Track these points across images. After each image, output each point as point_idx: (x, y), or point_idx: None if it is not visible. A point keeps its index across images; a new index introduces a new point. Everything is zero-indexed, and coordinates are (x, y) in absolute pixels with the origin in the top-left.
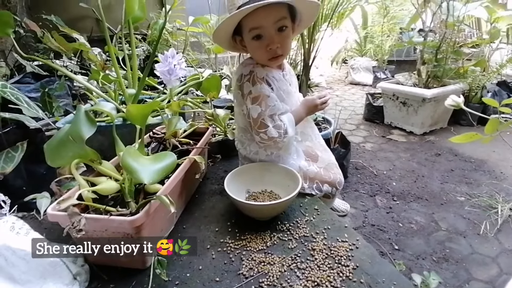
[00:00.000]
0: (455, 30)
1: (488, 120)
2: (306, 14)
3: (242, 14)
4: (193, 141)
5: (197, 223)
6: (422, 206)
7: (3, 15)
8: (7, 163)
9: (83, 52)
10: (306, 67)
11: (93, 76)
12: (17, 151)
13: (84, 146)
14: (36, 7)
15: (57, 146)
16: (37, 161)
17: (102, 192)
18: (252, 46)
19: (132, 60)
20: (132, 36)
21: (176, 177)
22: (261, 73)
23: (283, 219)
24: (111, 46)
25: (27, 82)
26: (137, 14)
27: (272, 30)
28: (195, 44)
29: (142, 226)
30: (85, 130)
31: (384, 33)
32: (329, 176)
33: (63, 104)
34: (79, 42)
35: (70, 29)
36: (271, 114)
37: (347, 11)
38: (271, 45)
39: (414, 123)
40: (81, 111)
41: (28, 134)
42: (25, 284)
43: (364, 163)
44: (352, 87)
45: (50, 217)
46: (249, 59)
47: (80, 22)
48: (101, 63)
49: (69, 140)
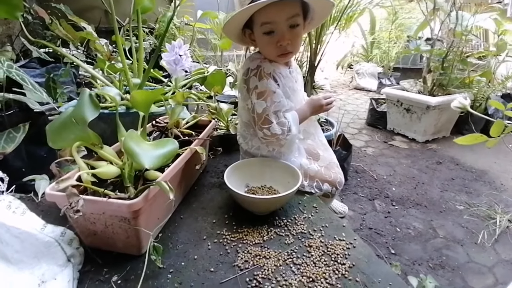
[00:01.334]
0: (462, 40)
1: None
2: (319, 12)
3: (257, 7)
4: (195, 133)
5: (194, 214)
6: (420, 213)
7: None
8: (8, 143)
9: (90, 42)
10: (312, 68)
11: (98, 65)
12: (19, 132)
13: (86, 129)
14: None
15: (59, 128)
16: (39, 143)
17: (102, 176)
18: (262, 40)
19: (138, 51)
20: (140, 27)
21: (176, 166)
22: (269, 69)
23: (281, 214)
24: (118, 36)
25: (33, 67)
26: (146, 4)
27: (284, 27)
28: (201, 41)
29: (140, 211)
30: (89, 113)
31: (391, 40)
32: (330, 175)
33: (67, 91)
34: (87, 31)
35: (78, 18)
36: (275, 110)
37: (356, 14)
38: (282, 42)
39: (416, 130)
40: (86, 94)
41: (31, 117)
42: (18, 264)
43: (365, 167)
44: (356, 92)
45: (48, 197)
46: (257, 54)
47: (89, 13)
48: (107, 53)
49: (72, 122)
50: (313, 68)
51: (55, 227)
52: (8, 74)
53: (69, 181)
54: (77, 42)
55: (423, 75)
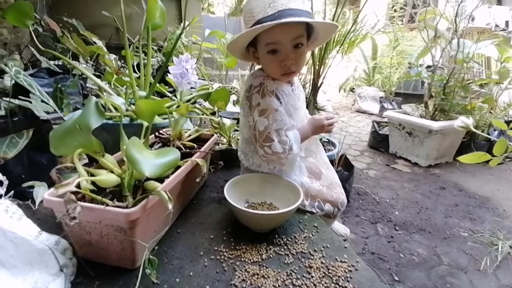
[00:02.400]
0: (464, 67)
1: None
2: (322, 33)
3: (263, 28)
4: (197, 146)
5: (192, 229)
6: (424, 239)
7: (24, 6)
8: (10, 148)
9: (100, 56)
10: (314, 88)
11: (106, 78)
12: (22, 138)
13: (89, 136)
14: (58, 9)
15: (62, 134)
16: (41, 150)
17: (101, 184)
18: (266, 59)
19: (146, 66)
20: (150, 43)
21: (177, 177)
22: (271, 86)
23: (280, 233)
24: (128, 51)
25: (41, 77)
26: (157, 21)
27: (289, 47)
28: (207, 60)
29: (137, 221)
30: (93, 120)
31: (393, 66)
32: (332, 195)
33: (74, 102)
34: (97, 46)
35: (90, 33)
36: (277, 128)
37: (358, 39)
38: (286, 62)
39: (419, 155)
40: (92, 102)
41: (35, 124)
42: (11, 269)
43: (367, 189)
44: (358, 114)
45: (45, 203)
46: (260, 71)
47: (100, 29)
48: (116, 68)
49: (76, 129)
50: (315, 89)
51: (49, 235)
52: (15, 79)
53: (68, 187)
54: (87, 56)
55: (425, 100)
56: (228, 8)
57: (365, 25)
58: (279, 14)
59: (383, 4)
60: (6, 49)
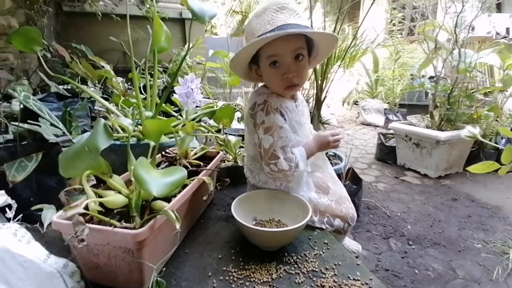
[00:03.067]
0: (467, 76)
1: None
2: (323, 47)
3: (263, 42)
4: (204, 164)
5: (199, 249)
6: (439, 253)
7: (31, 31)
8: (18, 171)
9: (107, 80)
10: (318, 102)
11: (114, 100)
12: (31, 161)
13: (98, 157)
14: (66, 35)
15: (72, 157)
16: (49, 173)
17: (109, 205)
18: (268, 73)
19: (152, 87)
20: (156, 65)
21: (184, 195)
22: (276, 103)
23: (290, 251)
24: (135, 73)
25: (51, 101)
26: (163, 44)
27: (290, 59)
28: (211, 79)
29: (144, 242)
30: (102, 142)
31: (395, 78)
32: (341, 210)
33: (82, 124)
34: (105, 70)
35: (98, 58)
36: (283, 145)
37: (359, 53)
38: (288, 74)
39: (428, 166)
40: (101, 124)
41: (44, 147)
42: None
43: (377, 203)
44: (363, 127)
45: (54, 225)
46: (263, 88)
47: (108, 54)
48: (123, 90)
49: (85, 151)
50: (319, 103)
51: (58, 259)
52: (25, 104)
53: (76, 209)
54: (95, 80)
55: (430, 110)
56: (230, 29)
57: (365, 40)
58: (278, 28)
59: (381, 19)
60: (13, 74)
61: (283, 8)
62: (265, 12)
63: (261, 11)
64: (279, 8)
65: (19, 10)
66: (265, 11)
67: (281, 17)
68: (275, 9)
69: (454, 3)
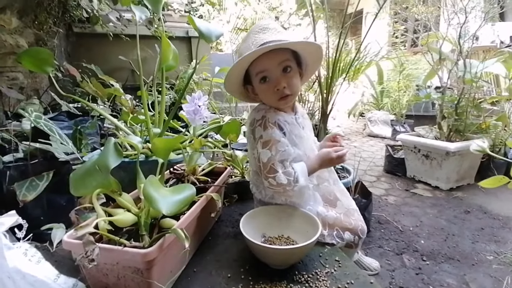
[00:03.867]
0: (473, 86)
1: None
2: (309, 57)
3: (247, 60)
4: (211, 180)
5: (208, 267)
6: (453, 268)
7: (42, 53)
8: (29, 191)
9: (116, 98)
10: (324, 115)
11: (123, 117)
12: (42, 180)
13: (108, 176)
14: (76, 55)
15: (82, 176)
16: (60, 192)
17: (118, 223)
18: (261, 89)
19: (160, 104)
20: (163, 83)
21: (192, 213)
22: (273, 118)
23: (301, 269)
24: (144, 91)
25: (61, 120)
26: (171, 63)
27: (278, 72)
28: (217, 94)
29: (154, 261)
30: (112, 160)
31: (400, 89)
32: (350, 223)
33: (92, 142)
34: (114, 88)
35: (108, 77)
36: (281, 159)
37: (363, 66)
38: (278, 86)
39: (439, 178)
40: (111, 142)
41: (55, 166)
42: None
43: (388, 217)
44: (370, 139)
45: (64, 245)
46: (262, 105)
47: (117, 73)
48: (131, 107)
49: (95, 169)
50: (325, 116)
51: (67, 278)
52: (36, 124)
53: (87, 228)
54: (105, 98)
55: (438, 121)
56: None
57: (368, 53)
58: (261, 46)
59: (384, 32)
60: (23, 93)
61: (265, 29)
62: (249, 36)
63: (246, 36)
64: (260, 29)
65: (28, 30)
66: (249, 35)
67: (263, 36)
68: (257, 31)
69: (457, 15)
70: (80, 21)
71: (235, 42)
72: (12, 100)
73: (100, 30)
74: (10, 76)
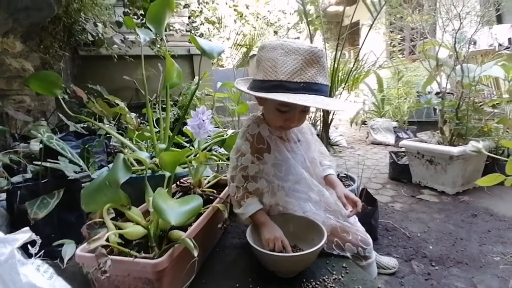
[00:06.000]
0: (472, 90)
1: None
2: None
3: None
4: (217, 191)
5: (217, 278)
6: (462, 271)
7: (50, 76)
8: (40, 209)
9: (121, 116)
10: (325, 125)
11: (129, 135)
12: (53, 198)
13: (118, 190)
14: (82, 77)
15: (93, 192)
16: (70, 209)
17: (128, 236)
18: (272, 112)
19: (165, 120)
20: (168, 100)
21: (200, 223)
22: (254, 130)
23: (308, 276)
24: (149, 109)
25: (69, 140)
26: (175, 80)
27: (298, 111)
28: (220, 108)
29: (164, 271)
30: (121, 175)
31: (401, 96)
32: (348, 234)
33: (99, 160)
34: (120, 107)
35: (113, 97)
36: (242, 173)
37: (361, 75)
38: (291, 123)
39: (444, 182)
40: (120, 158)
41: (64, 184)
42: None
43: (395, 224)
44: (374, 146)
45: (77, 258)
46: (256, 116)
47: (122, 92)
48: (136, 125)
49: (105, 185)
50: (327, 125)
51: None
52: (48, 144)
53: (99, 241)
54: (111, 117)
55: (439, 126)
56: (236, 61)
57: (366, 63)
58: (304, 86)
59: (381, 42)
60: (30, 116)
61: (315, 61)
62: (295, 55)
63: (289, 48)
64: (311, 60)
65: (33, 53)
66: (295, 53)
67: (311, 72)
68: (307, 60)
69: (451, 21)
70: (86, 44)
71: (235, 57)
72: (19, 123)
73: (105, 52)
74: (16, 99)
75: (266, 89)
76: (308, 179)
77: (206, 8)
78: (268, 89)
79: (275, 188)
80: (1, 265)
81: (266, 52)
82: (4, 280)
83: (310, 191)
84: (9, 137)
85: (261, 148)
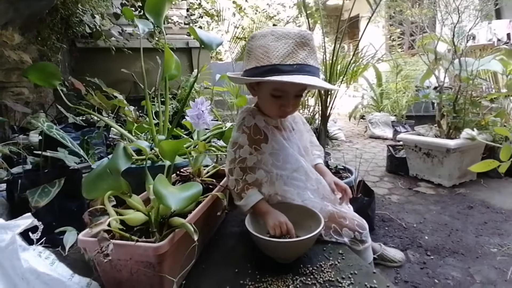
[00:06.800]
0: (470, 84)
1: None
2: None
3: (281, 80)
4: (216, 181)
5: (216, 264)
6: (458, 261)
7: (49, 67)
8: (42, 197)
9: (120, 109)
10: (324, 118)
11: (128, 127)
12: (54, 187)
13: (119, 178)
14: (80, 69)
15: (94, 179)
16: (71, 197)
17: (130, 222)
18: (267, 99)
19: (164, 113)
20: (167, 92)
21: (200, 210)
22: (250, 122)
23: (305, 262)
24: (148, 101)
25: (69, 131)
26: (173, 72)
27: (292, 95)
28: (218, 102)
29: (165, 255)
30: (122, 163)
31: (399, 90)
32: (345, 218)
33: (98, 151)
34: (118, 99)
35: (111, 89)
36: (241, 166)
37: (360, 69)
38: (286, 107)
39: (441, 175)
40: (121, 147)
41: (65, 174)
42: None
43: (392, 215)
44: (372, 140)
45: (80, 243)
46: (253, 109)
47: (120, 85)
48: (135, 118)
49: (106, 173)
50: (325, 118)
51: (82, 278)
52: (48, 133)
53: (101, 226)
54: (109, 110)
55: (437, 120)
56: (235, 54)
57: (365, 56)
58: (297, 67)
59: (380, 36)
60: (29, 108)
61: (306, 44)
62: (286, 39)
63: (280, 33)
64: (302, 42)
65: (31, 46)
66: (285, 37)
67: (302, 54)
68: (298, 42)
69: (450, 15)
70: (83, 37)
71: (234, 51)
72: (17, 115)
73: (103, 44)
74: (15, 91)
75: (260, 75)
76: (306, 167)
77: (205, 1)
78: (262, 74)
79: (273, 178)
80: (2, 251)
81: (256, 40)
82: (4, 267)
83: (308, 179)
84: (8, 129)
85: (258, 138)
